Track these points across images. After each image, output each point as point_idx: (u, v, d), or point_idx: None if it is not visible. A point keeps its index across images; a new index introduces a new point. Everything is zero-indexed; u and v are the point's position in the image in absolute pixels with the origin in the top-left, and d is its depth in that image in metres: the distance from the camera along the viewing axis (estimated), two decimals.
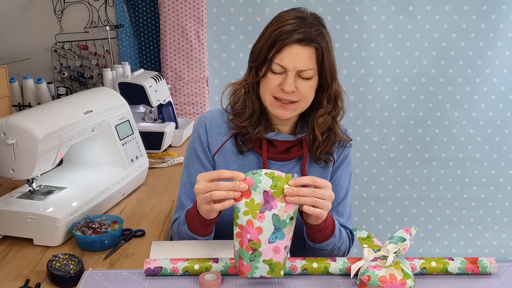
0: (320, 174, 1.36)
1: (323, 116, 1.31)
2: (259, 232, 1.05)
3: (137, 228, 1.48)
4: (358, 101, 2.77)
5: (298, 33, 1.21)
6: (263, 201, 1.05)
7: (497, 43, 2.69)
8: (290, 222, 1.06)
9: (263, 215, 1.05)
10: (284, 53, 1.23)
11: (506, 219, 2.98)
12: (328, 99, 1.32)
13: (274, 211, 1.05)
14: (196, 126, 1.40)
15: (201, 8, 2.53)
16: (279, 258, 1.06)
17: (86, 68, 2.60)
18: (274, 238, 1.05)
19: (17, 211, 1.38)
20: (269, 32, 1.25)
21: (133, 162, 1.74)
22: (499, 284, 1.09)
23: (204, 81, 2.63)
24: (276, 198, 1.05)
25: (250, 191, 1.05)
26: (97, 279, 1.10)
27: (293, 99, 1.26)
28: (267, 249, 1.05)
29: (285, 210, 1.05)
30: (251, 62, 1.31)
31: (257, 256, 1.05)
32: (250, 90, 1.33)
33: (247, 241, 1.05)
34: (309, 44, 1.23)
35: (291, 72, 1.23)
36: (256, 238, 1.05)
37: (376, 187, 2.91)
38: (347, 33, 2.66)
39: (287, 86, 1.23)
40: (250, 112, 1.32)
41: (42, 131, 1.34)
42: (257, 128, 1.32)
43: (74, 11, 2.57)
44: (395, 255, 1.04)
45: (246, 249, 1.05)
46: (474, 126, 2.83)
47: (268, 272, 1.06)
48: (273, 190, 1.05)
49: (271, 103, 1.28)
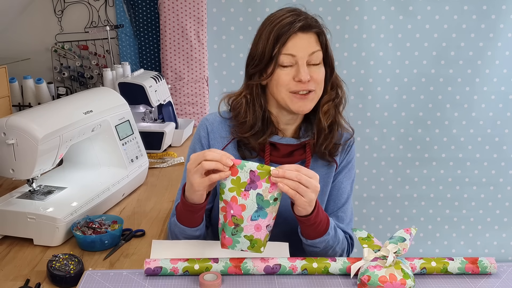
0: (322, 179, 1.35)
1: (327, 104, 1.32)
2: (242, 209, 1.08)
3: (137, 228, 1.48)
4: (358, 101, 2.77)
5: (298, 21, 1.24)
6: (248, 180, 1.08)
7: (497, 43, 2.69)
8: (274, 203, 1.09)
9: (247, 193, 1.08)
10: (290, 43, 1.24)
11: (506, 219, 2.99)
12: (332, 86, 1.33)
13: (259, 190, 1.08)
14: (198, 129, 1.40)
15: (201, 8, 2.53)
16: (260, 235, 1.09)
17: (86, 68, 2.60)
18: (256, 216, 1.09)
19: (17, 211, 1.38)
20: (267, 31, 1.25)
21: (133, 162, 1.74)
22: (499, 284, 1.09)
23: (204, 81, 2.63)
24: (262, 179, 1.08)
25: (237, 169, 1.08)
26: (97, 279, 1.10)
27: (311, 88, 1.26)
28: (249, 225, 1.09)
29: (270, 190, 1.08)
30: (252, 68, 1.30)
31: (238, 231, 1.09)
32: (254, 98, 1.31)
33: (230, 216, 1.09)
34: (311, 30, 1.25)
35: (302, 60, 1.24)
36: (239, 214, 1.08)
37: (376, 187, 2.91)
38: (347, 33, 2.66)
39: (303, 75, 1.23)
40: (251, 122, 1.31)
41: (42, 131, 1.34)
42: (260, 138, 1.31)
43: (74, 11, 2.57)
44: (395, 255, 1.04)
45: (229, 223, 1.09)
46: (474, 126, 2.83)
47: (248, 247, 1.10)
48: (260, 171, 1.07)
49: (290, 98, 1.27)
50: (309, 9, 1.32)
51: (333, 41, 2.82)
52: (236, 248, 1.10)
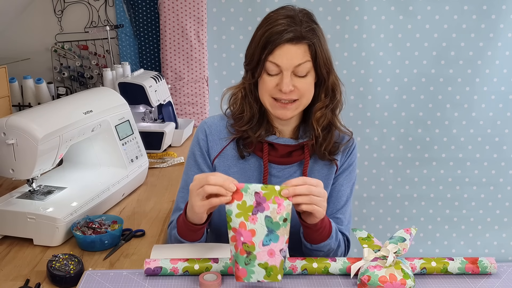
0: (323, 180, 1.34)
1: (320, 110, 1.30)
2: (252, 235, 1.04)
3: (137, 228, 1.48)
4: (358, 101, 2.77)
5: (288, 32, 1.21)
6: (255, 203, 1.05)
7: (497, 43, 2.69)
8: (284, 224, 1.05)
9: (255, 217, 1.04)
10: (276, 53, 1.22)
11: (506, 219, 2.98)
12: (326, 93, 1.31)
13: (267, 212, 1.04)
14: (197, 132, 1.40)
15: (201, 8, 2.53)
16: (275, 261, 1.05)
17: (86, 68, 2.60)
18: (268, 240, 1.05)
19: (17, 211, 1.38)
20: (260, 34, 1.25)
21: (133, 162, 1.74)
22: (499, 284, 1.09)
23: (204, 81, 2.63)
24: (268, 200, 1.04)
25: (241, 193, 1.05)
26: (97, 279, 1.10)
27: (293, 98, 1.25)
28: (261, 252, 1.04)
29: (278, 211, 1.05)
30: (246, 65, 1.31)
31: (252, 260, 1.05)
32: (247, 93, 1.32)
33: (241, 244, 1.05)
34: (301, 41, 1.22)
35: (286, 71, 1.22)
36: (250, 240, 1.04)
37: (376, 187, 2.91)
38: (347, 33, 2.66)
39: (284, 86, 1.22)
40: (249, 115, 1.31)
41: (42, 131, 1.34)
42: (257, 131, 1.32)
43: (74, 11, 2.57)
44: (395, 255, 1.04)
45: (241, 252, 1.05)
46: (474, 126, 2.83)
47: (264, 276, 1.05)
48: (264, 191, 1.04)
49: (271, 104, 1.28)
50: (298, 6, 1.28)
51: (333, 41, 2.83)
52: (251, 279, 1.05)
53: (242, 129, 1.32)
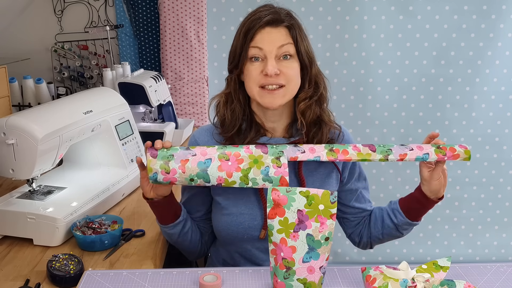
0: (322, 180, 1.35)
1: (304, 102, 1.29)
2: (293, 251, 1.03)
3: (137, 228, 1.48)
4: (358, 101, 2.77)
5: (266, 15, 1.25)
6: (297, 220, 1.03)
7: (497, 43, 2.69)
8: (325, 242, 1.04)
9: (297, 235, 1.03)
10: (258, 36, 1.25)
11: (506, 219, 2.98)
12: (309, 83, 1.31)
13: (308, 231, 1.03)
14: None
15: (201, 8, 2.53)
16: (314, 278, 1.04)
17: (86, 68, 2.60)
18: (308, 257, 1.03)
19: (17, 211, 1.38)
20: (240, 26, 1.29)
21: (133, 162, 1.74)
22: (499, 284, 1.09)
23: (204, 81, 2.63)
24: (311, 218, 1.03)
25: (283, 210, 1.04)
26: (97, 279, 1.10)
27: (280, 82, 1.25)
28: (301, 268, 1.03)
29: (320, 230, 1.03)
30: (229, 65, 1.33)
31: (291, 275, 1.04)
32: (229, 98, 1.32)
33: (281, 259, 1.04)
34: (280, 24, 1.26)
35: (270, 54, 1.24)
36: (290, 256, 1.04)
37: (376, 187, 2.91)
38: (347, 33, 2.66)
39: (269, 67, 1.23)
40: (231, 120, 1.31)
41: (42, 131, 1.34)
42: (248, 135, 1.30)
43: (74, 11, 2.56)
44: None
45: (280, 266, 1.04)
46: (474, 126, 2.83)
47: None
48: (307, 210, 1.03)
49: (259, 93, 1.27)
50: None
51: (333, 41, 2.83)
52: None
53: (227, 135, 1.31)
